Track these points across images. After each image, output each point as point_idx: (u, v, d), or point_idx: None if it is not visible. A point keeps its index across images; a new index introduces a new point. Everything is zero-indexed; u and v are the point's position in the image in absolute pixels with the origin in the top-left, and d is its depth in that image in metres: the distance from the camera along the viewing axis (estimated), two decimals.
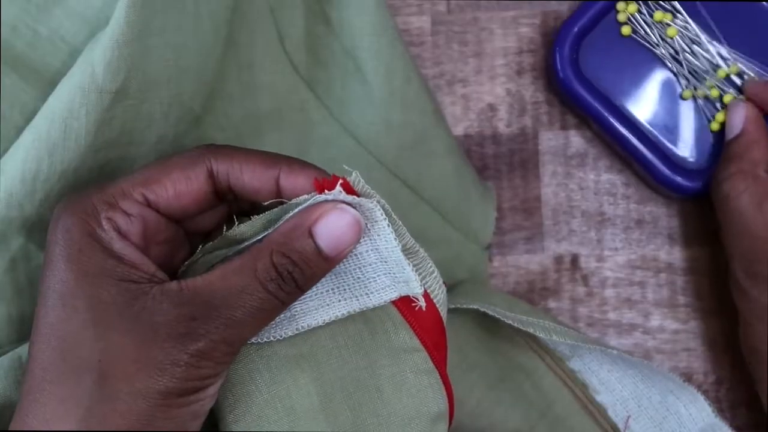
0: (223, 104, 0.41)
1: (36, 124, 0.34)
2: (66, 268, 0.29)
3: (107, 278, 0.29)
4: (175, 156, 0.31)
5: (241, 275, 0.29)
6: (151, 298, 0.28)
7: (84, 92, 0.33)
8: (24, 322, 0.37)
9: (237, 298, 0.29)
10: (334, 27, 0.42)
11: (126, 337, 0.28)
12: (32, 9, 0.37)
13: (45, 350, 0.28)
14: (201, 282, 0.29)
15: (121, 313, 0.28)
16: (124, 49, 0.32)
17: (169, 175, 0.30)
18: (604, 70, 0.44)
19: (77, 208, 0.29)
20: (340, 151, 0.42)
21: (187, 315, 0.28)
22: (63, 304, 0.28)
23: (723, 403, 0.44)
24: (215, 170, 0.31)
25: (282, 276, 0.29)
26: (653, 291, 0.45)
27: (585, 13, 0.43)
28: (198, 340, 0.28)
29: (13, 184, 0.34)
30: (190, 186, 0.31)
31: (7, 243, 0.36)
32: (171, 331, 0.28)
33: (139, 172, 0.31)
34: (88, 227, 0.29)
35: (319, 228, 0.29)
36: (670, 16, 0.44)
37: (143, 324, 0.28)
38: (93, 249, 0.29)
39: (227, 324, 0.29)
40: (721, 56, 0.44)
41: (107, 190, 0.30)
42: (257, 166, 0.31)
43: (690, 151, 0.44)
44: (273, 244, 0.29)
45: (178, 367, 0.28)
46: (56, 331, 0.28)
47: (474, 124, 0.45)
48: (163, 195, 0.30)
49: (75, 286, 0.28)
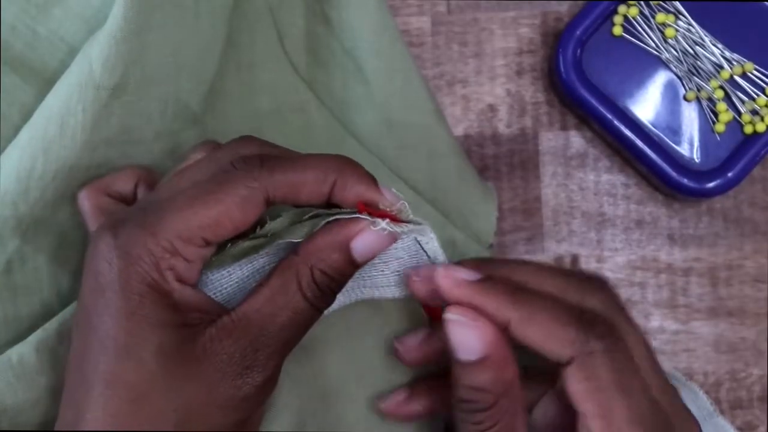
0: (223, 104, 0.41)
1: (33, 122, 0.34)
2: (128, 319, 0.28)
3: (168, 327, 0.28)
4: (229, 184, 0.29)
5: (288, 295, 0.29)
6: (209, 338, 0.29)
7: (81, 88, 0.33)
8: (20, 324, 0.37)
9: (288, 320, 0.29)
10: (334, 27, 0.42)
11: (195, 383, 0.28)
12: (31, 9, 0.37)
13: (112, 397, 0.28)
14: (248, 309, 0.29)
15: (186, 359, 0.28)
16: (122, 45, 0.32)
17: (228, 214, 0.29)
18: (607, 72, 0.44)
19: (133, 256, 0.28)
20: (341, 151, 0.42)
21: (249, 348, 0.29)
22: (128, 355, 0.28)
23: (723, 404, 0.44)
24: (272, 197, 0.30)
25: (322, 291, 0.30)
26: (653, 292, 0.45)
27: (587, 16, 0.43)
28: (264, 371, 0.29)
29: (8, 182, 0.34)
30: (247, 218, 0.30)
31: (4, 245, 0.36)
32: (236, 368, 0.28)
33: (190, 209, 0.29)
34: (149, 279, 0.28)
35: (356, 244, 0.30)
36: (672, 18, 0.44)
37: (208, 366, 0.28)
38: (154, 300, 0.28)
39: (284, 346, 0.30)
40: (725, 57, 0.44)
41: (161, 232, 0.29)
42: (312, 187, 0.30)
43: (695, 152, 0.44)
44: (311, 259, 0.30)
45: (248, 401, 0.29)
46: (122, 382, 0.28)
47: (474, 125, 0.45)
48: (222, 233, 0.30)
49: (140, 338, 0.28)
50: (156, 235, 0.28)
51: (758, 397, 0.44)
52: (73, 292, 0.38)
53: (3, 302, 0.37)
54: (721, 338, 0.45)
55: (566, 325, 0.29)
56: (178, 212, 0.29)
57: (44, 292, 0.38)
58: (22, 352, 0.35)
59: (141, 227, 0.29)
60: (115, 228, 0.29)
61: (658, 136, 0.44)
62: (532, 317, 0.29)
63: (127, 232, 0.29)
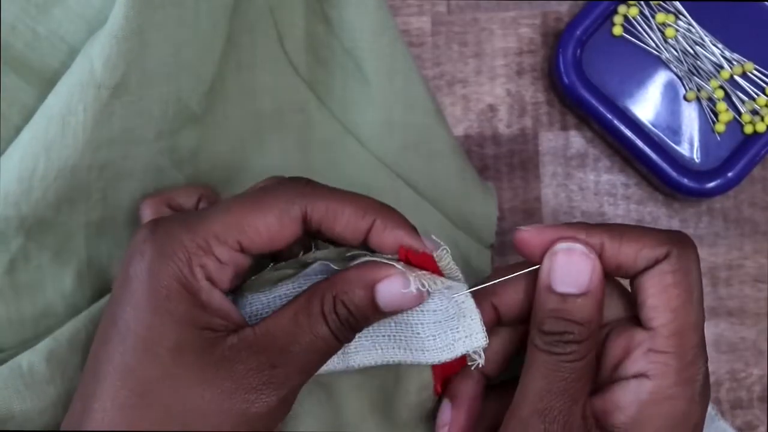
0: (223, 104, 0.41)
1: (35, 122, 0.34)
2: (151, 312, 0.28)
3: (190, 326, 0.28)
4: (268, 195, 0.30)
5: (309, 317, 0.29)
6: (228, 347, 0.28)
7: (82, 88, 0.33)
8: (23, 324, 0.37)
9: (308, 342, 0.29)
10: (334, 27, 0.42)
11: (208, 389, 0.28)
12: (31, 9, 0.37)
13: (121, 389, 0.28)
14: (273, 326, 0.29)
15: (203, 364, 0.28)
16: (123, 44, 0.32)
17: (264, 220, 0.30)
18: (607, 72, 0.44)
19: (166, 249, 0.29)
20: (341, 151, 0.42)
21: (267, 363, 0.28)
22: (145, 348, 0.28)
23: (723, 404, 0.44)
24: (309, 216, 0.30)
25: (342, 323, 0.29)
26: None
27: (587, 16, 0.43)
28: (280, 389, 0.28)
29: (9, 183, 0.34)
30: (283, 231, 0.30)
31: (7, 244, 0.36)
32: (253, 381, 0.28)
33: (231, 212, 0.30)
34: (179, 274, 0.29)
35: (382, 287, 0.30)
36: (672, 18, 0.44)
37: (224, 374, 0.28)
38: (181, 296, 0.28)
39: (302, 369, 0.29)
40: (725, 57, 0.44)
41: (199, 231, 0.29)
42: (351, 218, 0.31)
43: (695, 152, 0.44)
44: (335, 288, 0.30)
45: (258, 419, 0.28)
46: (136, 374, 0.28)
47: (474, 125, 0.45)
48: (257, 241, 0.30)
49: (159, 333, 0.28)
50: (192, 233, 0.29)
51: (758, 397, 0.44)
52: (75, 293, 0.38)
53: (6, 301, 0.37)
54: (721, 338, 0.45)
55: (656, 233, 0.31)
56: (219, 214, 0.30)
57: (47, 292, 0.38)
58: (32, 361, 0.35)
59: (180, 225, 0.29)
60: (155, 224, 0.30)
61: (658, 136, 0.44)
62: (623, 234, 0.31)
63: (165, 227, 0.30)
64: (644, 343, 0.30)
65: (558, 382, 0.30)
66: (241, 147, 0.41)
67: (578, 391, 0.30)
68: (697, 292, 0.31)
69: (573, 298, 0.31)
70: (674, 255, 0.30)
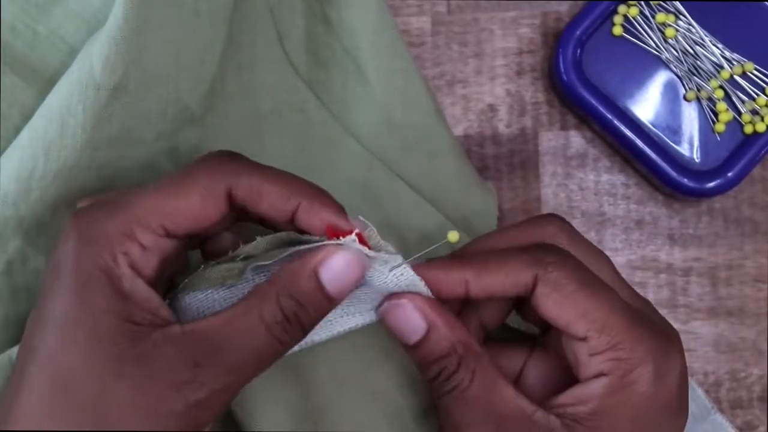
0: (223, 104, 0.41)
1: (34, 123, 0.34)
2: (70, 299, 0.28)
3: (111, 316, 0.28)
4: (190, 176, 0.30)
5: (247, 319, 0.28)
6: (152, 342, 0.28)
7: (82, 88, 0.33)
8: (20, 325, 0.37)
9: (241, 343, 0.28)
10: (334, 27, 0.42)
11: (125, 382, 0.27)
12: (31, 9, 0.37)
13: (42, 378, 0.27)
14: (204, 325, 0.28)
15: (121, 356, 0.27)
16: (122, 45, 0.32)
17: (187, 200, 0.29)
18: (607, 72, 0.44)
19: (88, 235, 0.28)
20: (341, 151, 0.42)
21: (190, 360, 0.27)
22: (63, 334, 0.27)
23: (723, 404, 0.44)
24: (234, 193, 0.30)
25: (288, 318, 0.29)
26: (653, 292, 0.45)
27: (587, 16, 0.43)
28: (199, 390, 0.27)
29: (8, 183, 0.34)
30: (208, 210, 0.30)
31: (4, 245, 0.36)
32: (173, 378, 0.27)
33: (152, 195, 0.29)
34: (100, 261, 0.28)
35: (324, 269, 0.29)
36: (672, 18, 0.44)
37: (143, 369, 0.27)
38: (101, 284, 0.28)
39: (230, 370, 0.28)
40: (725, 57, 0.44)
41: (121, 216, 0.29)
42: (276, 198, 0.30)
43: (695, 152, 0.44)
44: (278, 285, 0.29)
45: (175, 417, 0.27)
46: (55, 362, 0.27)
47: (474, 125, 0.45)
48: (183, 223, 0.29)
49: (78, 321, 0.27)
50: (115, 218, 0.29)
51: (758, 397, 0.44)
52: None
53: (4, 303, 0.37)
54: (721, 338, 0.45)
55: (519, 258, 0.31)
56: (140, 197, 0.29)
57: None
58: None
59: (102, 211, 0.29)
60: (80, 212, 0.29)
61: (658, 136, 0.44)
62: (485, 266, 0.31)
63: (89, 214, 0.29)
64: (583, 351, 0.30)
65: (470, 413, 0.30)
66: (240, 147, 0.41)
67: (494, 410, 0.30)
68: (589, 277, 0.31)
69: (423, 341, 0.31)
70: (543, 276, 0.30)
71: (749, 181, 0.45)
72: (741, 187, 0.44)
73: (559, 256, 0.31)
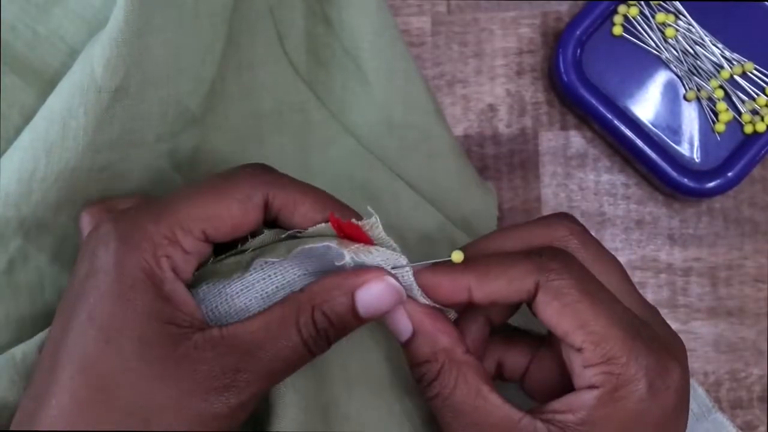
0: (223, 105, 0.41)
1: (35, 124, 0.34)
2: (114, 303, 0.28)
3: (154, 319, 0.28)
4: (230, 182, 0.31)
5: (284, 328, 0.29)
6: (193, 345, 0.28)
7: (83, 91, 0.33)
8: (22, 324, 0.37)
9: (277, 350, 0.29)
10: (335, 27, 0.42)
11: (168, 386, 0.27)
12: (31, 9, 0.37)
13: (81, 383, 0.27)
14: (242, 330, 0.29)
15: (164, 359, 0.27)
16: (123, 47, 0.32)
17: (228, 209, 0.30)
18: (607, 72, 0.44)
19: (131, 238, 0.28)
20: (341, 151, 0.42)
21: (231, 366, 0.28)
22: (107, 340, 0.27)
23: (723, 404, 0.44)
24: (270, 204, 0.31)
25: (319, 333, 0.29)
26: (653, 291, 0.45)
27: (588, 16, 0.43)
28: (241, 393, 0.28)
29: (9, 184, 0.34)
30: (247, 219, 0.30)
31: (5, 244, 0.36)
32: (215, 383, 0.28)
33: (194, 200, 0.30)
34: (144, 263, 0.28)
35: (361, 293, 0.30)
36: (672, 18, 0.44)
37: (186, 372, 0.27)
38: (145, 287, 0.28)
39: (268, 376, 0.29)
40: (725, 57, 0.44)
41: (164, 220, 0.29)
42: (309, 210, 0.31)
43: (696, 152, 0.44)
44: (315, 300, 0.29)
45: (218, 420, 0.28)
46: (96, 367, 0.27)
47: (474, 125, 0.45)
48: (222, 229, 0.30)
49: (122, 324, 0.27)
50: (158, 223, 0.29)
51: (758, 397, 0.44)
52: None
53: (5, 302, 0.37)
54: (721, 338, 0.45)
55: (521, 264, 0.30)
56: (183, 202, 0.30)
57: (46, 292, 0.38)
58: (25, 351, 0.34)
59: (144, 214, 0.29)
60: (117, 216, 0.30)
61: (659, 136, 0.44)
62: (487, 271, 0.31)
63: (129, 218, 0.29)
64: (578, 361, 0.30)
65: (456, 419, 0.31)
66: (241, 147, 0.41)
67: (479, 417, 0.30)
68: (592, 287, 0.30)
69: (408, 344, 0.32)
70: (545, 284, 0.30)
71: (749, 181, 0.45)
72: (741, 187, 0.44)
73: (563, 262, 0.31)
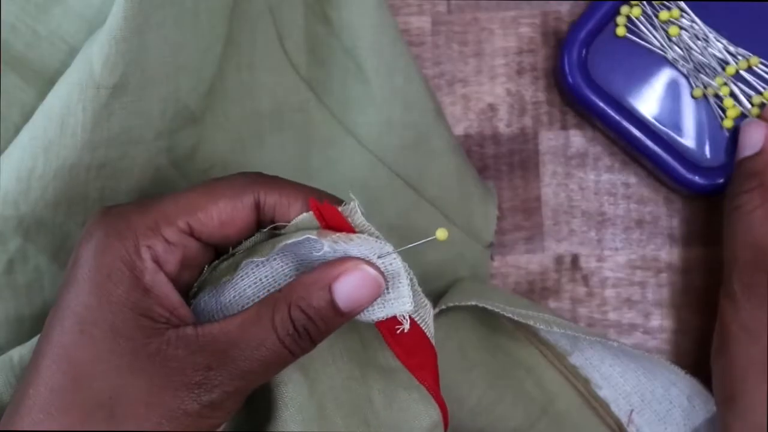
0: (223, 104, 0.41)
1: (34, 122, 0.34)
2: (90, 292, 0.28)
3: (128, 310, 0.28)
4: (221, 182, 0.31)
5: (259, 327, 0.28)
6: (165, 341, 0.28)
7: (82, 88, 0.33)
8: (21, 324, 0.37)
9: (253, 351, 0.28)
10: (335, 27, 0.42)
11: (139, 379, 0.27)
12: (31, 9, 0.37)
13: (55, 371, 0.27)
14: (218, 329, 0.28)
15: (136, 352, 0.27)
16: (122, 44, 0.32)
17: (215, 203, 0.30)
18: (612, 72, 0.44)
19: (114, 228, 0.29)
20: (341, 151, 0.42)
21: (203, 364, 0.28)
22: (81, 330, 0.28)
23: None
24: (262, 202, 0.30)
25: (298, 331, 0.29)
26: (653, 291, 0.45)
27: (591, 17, 0.43)
28: (212, 392, 0.28)
29: (8, 182, 0.34)
30: (235, 216, 0.30)
31: (5, 244, 0.36)
32: (185, 379, 0.27)
33: (183, 195, 0.30)
34: (124, 253, 0.28)
35: (338, 285, 0.29)
36: (676, 14, 0.43)
37: (157, 367, 0.27)
38: (122, 277, 0.28)
39: (242, 375, 0.28)
40: (730, 53, 0.44)
41: (149, 212, 0.29)
42: (303, 207, 0.30)
43: (705, 149, 0.44)
44: (291, 297, 0.29)
45: (188, 416, 0.28)
46: (69, 356, 0.28)
47: (474, 124, 0.45)
48: (208, 224, 0.30)
49: (96, 314, 0.28)
50: (143, 214, 0.29)
51: None
52: None
53: (5, 302, 0.37)
54: None
55: None
56: (171, 197, 0.30)
57: (45, 292, 0.38)
58: (22, 354, 0.35)
59: (132, 207, 0.30)
60: (107, 208, 0.30)
61: (667, 134, 0.44)
62: None
63: (116, 211, 0.29)
64: None
65: None
66: (240, 147, 0.42)
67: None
68: None
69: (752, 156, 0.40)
70: None
71: None
72: None
73: None
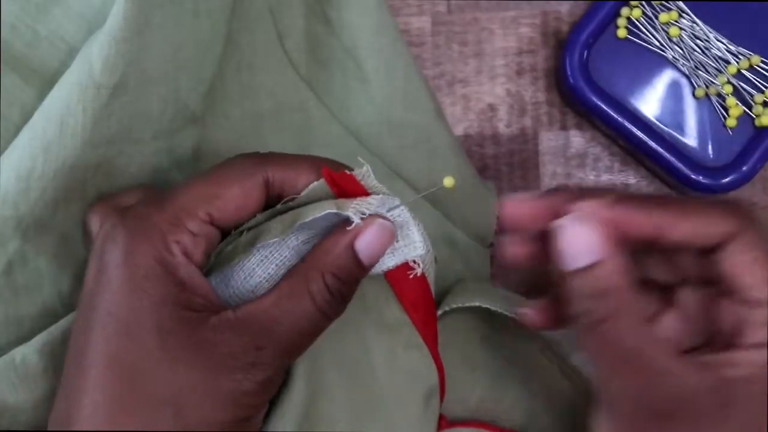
0: (223, 104, 0.41)
1: (33, 122, 0.34)
2: (129, 295, 0.28)
3: (170, 306, 0.28)
4: (230, 167, 0.31)
5: (296, 300, 0.29)
6: (211, 328, 0.28)
7: (81, 88, 0.33)
8: (21, 324, 0.37)
9: (294, 322, 0.29)
10: (334, 27, 0.42)
11: (194, 370, 0.28)
12: (31, 9, 0.37)
13: (109, 377, 0.28)
14: (255, 309, 0.29)
15: (185, 344, 0.28)
16: (122, 45, 0.32)
17: (230, 189, 0.30)
18: (614, 74, 0.44)
19: (139, 230, 0.29)
20: (341, 150, 0.42)
21: (252, 345, 0.28)
22: (128, 333, 0.28)
23: None
24: (271, 179, 0.31)
25: (333, 296, 0.30)
26: None
27: (592, 19, 0.43)
28: (266, 370, 0.29)
29: (8, 182, 0.34)
30: (248, 199, 0.31)
31: (4, 245, 0.36)
32: (238, 362, 0.28)
33: (194, 186, 0.30)
34: (155, 251, 0.28)
35: (359, 242, 0.30)
36: (676, 15, 0.43)
37: (208, 355, 0.28)
38: (159, 275, 0.28)
39: (287, 349, 0.29)
40: (731, 52, 0.43)
41: (167, 208, 0.29)
42: (310, 174, 0.31)
43: (709, 149, 0.44)
44: (320, 264, 0.30)
45: (248, 396, 0.28)
46: (121, 360, 0.28)
47: (474, 125, 0.45)
48: (226, 210, 0.30)
49: (141, 316, 0.28)
50: (162, 211, 0.29)
51: None
52: (74, 293, 0.38)
53: (4, 303, 0.37)
54: None
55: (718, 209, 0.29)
56: (183, 189, 0.30)
57: (45, 293, 0.38)
58: (25, 353, 0.35)
59: (147, 206, 0.30)
60: (123, 213, 0.30)
61: (670, 134, 0.44)
62: (684, 211, 0.28)
63: (134, 212, 0.30)
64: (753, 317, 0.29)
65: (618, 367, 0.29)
66: (241, 147, 0.42)
67: None
68: None
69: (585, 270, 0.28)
70: (745, 230, 0.28)
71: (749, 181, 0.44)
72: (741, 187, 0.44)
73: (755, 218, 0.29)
